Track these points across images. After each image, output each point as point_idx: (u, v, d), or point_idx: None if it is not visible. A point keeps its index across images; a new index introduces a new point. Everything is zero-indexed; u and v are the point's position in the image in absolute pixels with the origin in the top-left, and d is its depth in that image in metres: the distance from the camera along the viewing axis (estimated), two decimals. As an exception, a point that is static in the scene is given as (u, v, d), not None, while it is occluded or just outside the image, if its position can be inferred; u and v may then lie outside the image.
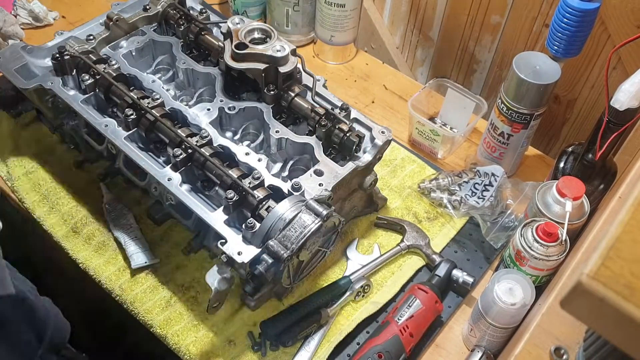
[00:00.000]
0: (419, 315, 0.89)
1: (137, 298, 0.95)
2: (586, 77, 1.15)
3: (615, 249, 0.40)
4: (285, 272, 0.84)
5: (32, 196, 1.06)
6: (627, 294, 0.38)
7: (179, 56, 1.04)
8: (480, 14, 1.25)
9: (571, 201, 0.88)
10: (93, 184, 1.07)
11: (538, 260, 0.86)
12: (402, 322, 0.87)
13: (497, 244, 1.02)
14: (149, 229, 1.01)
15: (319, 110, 0.94)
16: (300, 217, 0.80)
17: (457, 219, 1.07)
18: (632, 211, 0.42)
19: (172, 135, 0.89)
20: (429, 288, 0.91)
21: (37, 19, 1.36)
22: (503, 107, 1.04)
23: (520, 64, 0.99)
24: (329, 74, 1.33)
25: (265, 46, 0.94)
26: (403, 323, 0.87)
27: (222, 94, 0.98)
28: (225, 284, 0.81)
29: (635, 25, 1.01)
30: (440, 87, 1.21)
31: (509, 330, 0.86)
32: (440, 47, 1.38)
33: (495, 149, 1.11)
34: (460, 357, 0.91)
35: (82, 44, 1.01)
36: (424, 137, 1.16)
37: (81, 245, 1.00)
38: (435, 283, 0.94)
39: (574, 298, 0.41)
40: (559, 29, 0.94)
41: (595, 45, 1.09)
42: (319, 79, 1.00)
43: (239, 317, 0.93)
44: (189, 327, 0.92)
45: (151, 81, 0.99)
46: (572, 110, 1.22)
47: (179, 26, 1.06)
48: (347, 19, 1.27)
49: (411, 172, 1.15)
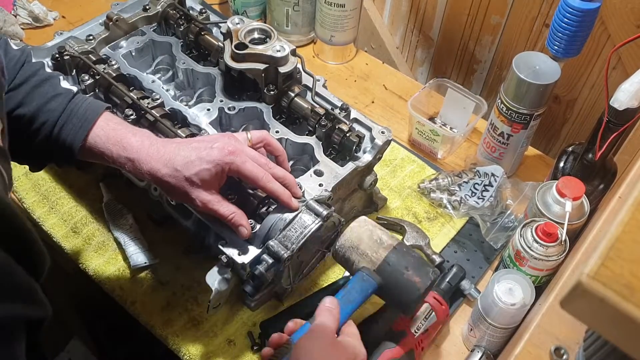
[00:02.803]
0: (432, 328, 0.88)
1: (137, 298, 0.95)
2: (586, 77, 1.15)
3: (615, 249, 0.40)
4: (286, 273, 0.84)
5: (32, 196, 1.06)
6: (627, 294, 0.38)
7: (178, 56, 1.04)
8: (480, 14, 1.25)
9: (571, 201, 0.88)
10: (93, 184, 1.07)
11: (538, 260, 0.86)
12: (418, 336, 0.86)
13: (497, 244, 1.02)
14: (149, 230, 1.01)
15: (319, 111, 0.94)
16: (301, 217, 0.80)
17: (457, 219, 1.07)
18: (632, 211, 0.42)
19: (172, 135, 0.89)
20: (444, 300, 0.90)
21: (37, 19, 1.36)
22: (503, 107, 1.04)
23: (520, 64, 0.99)
24: (329, 74, 1.33)
25: (265, 46, 0.94)
26: (419, 337, 0.87)
27: (222, 94, 0.98)
28: (225, 285, 0.81)
29: (635, 25, 1.01)
30: (440, 87, 1.21)
31: (509, 331, 0.86)
32: (440, 47, 1.38)
33: (495, 149, 1.11)
34: (460, 357, 0.91)
35: (81, 44, 1.01)
36: (424, 137, 1.16)
37: (81, 246, 1.00)
38: (447, 291, 0.93)
39: (574, 298, 0.41)
40: (559, 29, 0.94)
41: (595, 45, 1.09)
42: (319, 79, 1.00)
43: (238, 317, 0.93)
44: (189, 327, 0.92)
45: (151, 81, 0.99)
46: (572, 110, 1.22)
47: (178, 26, 1.06)
48: (347, 19, 1.27)
49: (411, 172, 1.15)
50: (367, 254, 0.78)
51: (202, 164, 0.75)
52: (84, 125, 0.76)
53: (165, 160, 0.76)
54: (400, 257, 0.77)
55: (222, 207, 0.77)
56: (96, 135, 0.77)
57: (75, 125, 0.76)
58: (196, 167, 0.75)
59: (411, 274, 0.76)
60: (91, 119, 0.77)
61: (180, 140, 0.80)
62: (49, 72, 0.80)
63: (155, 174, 0.76)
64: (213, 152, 0.75)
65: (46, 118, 0.76)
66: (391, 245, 0.78)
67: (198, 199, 0.76)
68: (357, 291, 0.75)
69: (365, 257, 0.78)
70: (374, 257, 0.77)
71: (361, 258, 0.78)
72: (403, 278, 0.76)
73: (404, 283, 0.76)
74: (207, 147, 0.76)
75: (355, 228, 0.80)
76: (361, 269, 0.77)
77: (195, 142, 0.78)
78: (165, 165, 0.75)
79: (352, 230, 0.80)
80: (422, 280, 0.76)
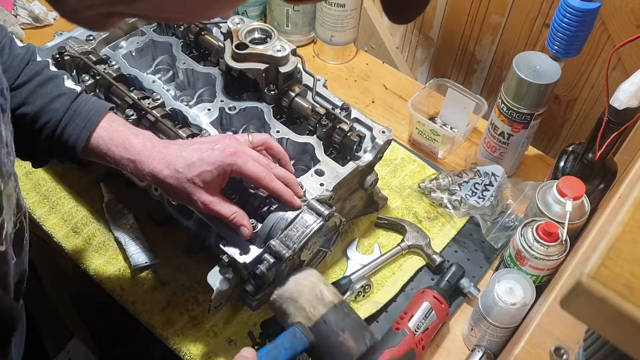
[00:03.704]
0: (432, 327, 0.88)
1: (138, 298, 0.95)
2: (586, 77, 1.15)
3: (615, 249, 0.40)
4: (286, 272, 0.84)
5: (32, 196, 1.06)
6: (627, 294, 0.38)
7: (179, 56, 1.04)
8: (480, 14, 1.25)
9: (571, 201, 0.88)
10: (93, 184, 1.07)
11: (538, 260, 0.86)
12: (418, 335, 0.86)
13: (497, 243, 1.02)
14: (150, 230, 1.01)
15: (320, 110, 0.94)
16: (302, 217, 0.80)
17: (458, 219, 1.07)
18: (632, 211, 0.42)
19: (173, 136, 0.89)
20: (444, 299, 0.90)
21: (37, 19, 1.36)
22: (503, 107, 1.04)
23: (520, 64, 0.99)
24: (329, 74, 1.33)
25: (266, 46, 0.94)
26: (419, 336, 0.86)
27: (222, 94, 0.98)
28: (226, 284, 0.81)
29: (635, 25, 1.01)
30: (440, 87, 1.21)
31: (509, 330, 0.86)
32: (440, 47, 1.38)
33: (496, 148, 1.11)
34: (460, 357, 0.91)
35: (81, 44, 1.01)
36: (424, 137, 1.17)
37: (81, 246, 1.00)
38: (447, 290, 0.94)
39: (574, 298, 0.41)
40: (559, 29, 0.94)
41: (595, 45, 1.09)
42: (319, 79, 1.00)
43: (239, 317, 0.93)
44: (189, 327, 0.92)
45: (151, 81, 0.99)
46: (572, 110, 1.22)
47: (178, 26, 1.06)
48: (347, 19, 1.27)
49: (411, 172, 1.15)
50: (305, 309, 0.73)
51: (204, 166, 0.75)
52: (87, 126, 0.77)
53: (167, 162, 0.76)
54: (338, 317, 0.72)
55: (224, 207, 0.77)
56: (99, 136, 0.77)
57: (78, 126, 0.76)
58: (197, 168, 0.75)
59: (346, 337, 0.70)
60: (94, 119, 0.77)
61: (181, 141, 0.80)
62: (54, 71, 0.80)
63: (157, 175, 0.76)
64: (214, 154, 0.76)
65: (49, 118, 0.76)
66: (332, 303, 0.73)
67: (199, 200, 0.76)
68: (286, 348, 0.70)
69: (302, 312, 0.73)
70: (310, 313, 0.72)
71: (298, 312, 0.73)
72: (337, 340, 0.70)
73: (337, 346, 0.70)
74: (208, 149, 0.76)
75: (299, 279, 0.76)
76: (295, 324, 0.72)
77: (197, 143, 0.78)
78: (167, 166, 0.75)
79: (295, 281, 0.76)
80: (358, 345, 0.70)
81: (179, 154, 0.76)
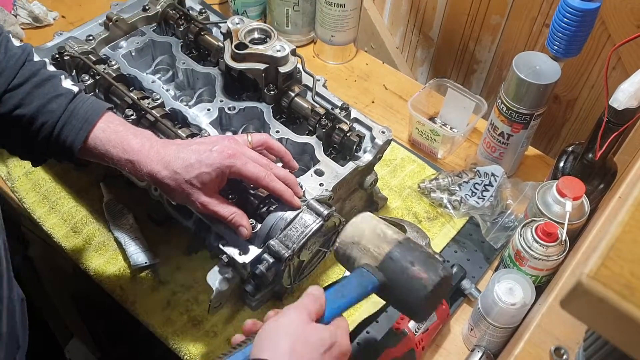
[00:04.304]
0: (433, 328, 0.88)
1: (138, 298, 0.95)
2: (586, 77, 1.15)
3: (615, 249, 0.40)
4: (286, 272, 0.84)
5: (32, 196, 1.06)
6: (627, 294, 0.38)
7: (178, 56, 1.04)
8: (480, 14, 1.25)
9: (571, 201, 0.88)
10: (93, 184, 1.07)
11: (538, 260, 0.86)
12: (418, 335, 0.86)
13: (497, 244, 1.02)
14: (149, 230, 1.01)
15: (319, 110, 0.94)
16: (302, 217, 0.80)
17: (457, 219, 1.07)
18: (632, 211, 0.42)
19: (172, 136, 0.89)
20: (444, 300, 0.90)
21: (37, 19, 1.36)
22: (503, 107, 1.04)
23: (520, 64, 0.99)
24: (329, 74, 1.33)
25: (265, 46, 0.94)
26: (419, 336, 0.86)
27: (222, 94, 0.98)
28: (226, 285, 0.81)
29: (635, 25, 1.01)
30: (440, 87, 1.21)
31: (509, 330, 0.86)
32: (440, 47, 1.38)
33: (495, 149, 1.11)
34: (460, 357, 0.91)
35: (81, 44, 1.01)
36: (424, 137, 1.17)
37: (81, 246, 1.00)
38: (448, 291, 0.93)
39: (574, 298, 0.41)
40: (559, 29, 0.94)
41: (595, 45, 1.09)
42: (319, 79, 1.00)
43: (239, 317, 0.93)
44: (189, 327, 0.92)
45: (151, 81, 0.99)
46: (572, 110, 1.22)
47: (178, 26, 1.06)
48: (347, 19, 1.27)
49: (411, 172, 1.15)
50: (369, 250, 0.71)
51: (202, 167, 0.75)
52: (84, 127, 0.76)
53: (165, 163, 0.76)
54: (405, 252, 0.69)
55: (222, 208, 0.77)
56: (96, 137, 0.77)
57: (75, 127, 0.76)
58: (196, 170, 0.75)
59: (417, 270, 0.67)
60: (91, 120, 0.77)
61: (180, 141, 0.80)
62: (51, 72, 0.80)
63: (155, 176, 0.76)
64: (213, 155, 0.75)
65: (46, 119, 0.76)
66: (396, 240, 0.71)
67: (198, 201, 0.76)
68: (353, 286, 0.68)
69: (367, 253, 0.71)
70: (376, 253, 0.70)
71: (363, 254, 0.71)
72: (409, 275, 0.67)
73: (410, 280, 0.67)
74: (206, 150, 0.76)
75: (357, 223, 0.74)
76: (362, 265, 0.71)
77: (195, 144, 0.78)
78: (165, 167, 0.75)
79: (354, 225, 0.74)
80: (430, 276, 0.67)
81: (177, 155, 0.76)
